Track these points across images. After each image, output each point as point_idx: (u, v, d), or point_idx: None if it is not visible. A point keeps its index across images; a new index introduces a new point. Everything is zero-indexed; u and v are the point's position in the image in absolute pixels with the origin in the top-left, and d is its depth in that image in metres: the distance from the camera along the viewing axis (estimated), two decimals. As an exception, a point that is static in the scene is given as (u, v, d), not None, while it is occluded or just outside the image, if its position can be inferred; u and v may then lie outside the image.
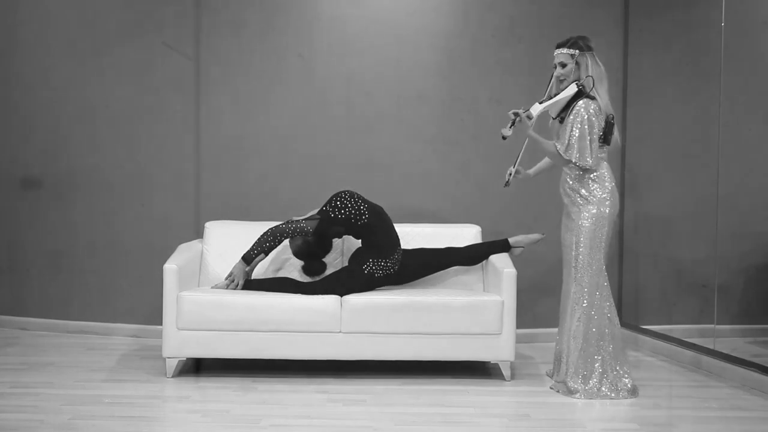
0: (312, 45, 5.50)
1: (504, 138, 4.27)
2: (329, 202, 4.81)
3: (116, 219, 5.58)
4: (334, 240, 4.93)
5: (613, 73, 5.26)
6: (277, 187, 5.52)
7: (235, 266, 4.74)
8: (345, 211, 4.75)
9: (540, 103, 4.35)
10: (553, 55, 4.40)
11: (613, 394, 4.27)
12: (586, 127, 4.27)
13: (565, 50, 4.36)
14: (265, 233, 4.72)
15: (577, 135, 4.27)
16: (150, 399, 4.20)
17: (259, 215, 5.42)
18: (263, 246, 4.70)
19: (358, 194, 4.85)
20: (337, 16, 5.51)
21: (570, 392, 4.30)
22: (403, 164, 5.54)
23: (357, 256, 4.80)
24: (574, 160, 4.30)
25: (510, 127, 4.26)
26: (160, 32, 5.48)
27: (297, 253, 4.86)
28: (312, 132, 5.54)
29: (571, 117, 4.29)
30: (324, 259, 4.94)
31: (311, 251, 4.84)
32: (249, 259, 4.69)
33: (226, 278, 4.74)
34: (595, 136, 4.29)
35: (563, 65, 4.36)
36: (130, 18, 5.50)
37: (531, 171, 4.71)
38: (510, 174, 4.54)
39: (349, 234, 4.86)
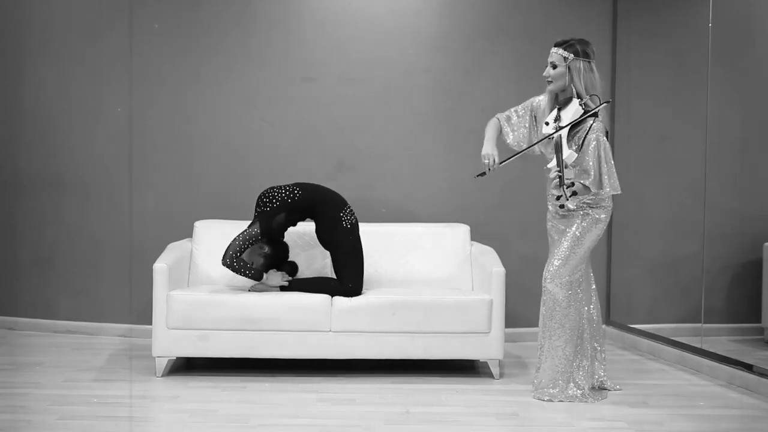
0: (299, 45, 5.50)
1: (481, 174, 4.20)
2: (257, 205, 4.73)
3: (105, 218, 5.56)
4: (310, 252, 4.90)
5: (600, 71, 5.26)
6: (266, 185, 5.50)
7: (256, 286, 4.67)
8: (276, 199, 4.70)
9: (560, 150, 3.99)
10: (550, 51, 4.16)
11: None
12: (610, 155, 4.08)
13: (560, 51, 4.10)
14: (232, 268, 4.54)
15: (605, 167, 4.05)
16: (139, 399, 4.19)
17: (248, 214, 5.41)
18: (247, 272, 4.57)
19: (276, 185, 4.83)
20: (326, 13, 5.52)
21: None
22: (390, 163, 5.54)
23: (325, 232, 4.72)
24: (609, 191, 4.08)
25: (479, 175, 4.22)
26: (148, 32, 5.48)
27: (266, 269, 4.72)
28: (298, 131, 5.54)
29: (591, 148, 4.04)
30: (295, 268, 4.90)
31: (275, 258, 4.76)
32: (260, 276, 4.62)
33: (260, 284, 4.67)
34: (611, 159, 4.09)
35: (554, 66, 4.11)
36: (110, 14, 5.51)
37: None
38: (494, 166, 4.18)
39: (294, 217, 4.77)
